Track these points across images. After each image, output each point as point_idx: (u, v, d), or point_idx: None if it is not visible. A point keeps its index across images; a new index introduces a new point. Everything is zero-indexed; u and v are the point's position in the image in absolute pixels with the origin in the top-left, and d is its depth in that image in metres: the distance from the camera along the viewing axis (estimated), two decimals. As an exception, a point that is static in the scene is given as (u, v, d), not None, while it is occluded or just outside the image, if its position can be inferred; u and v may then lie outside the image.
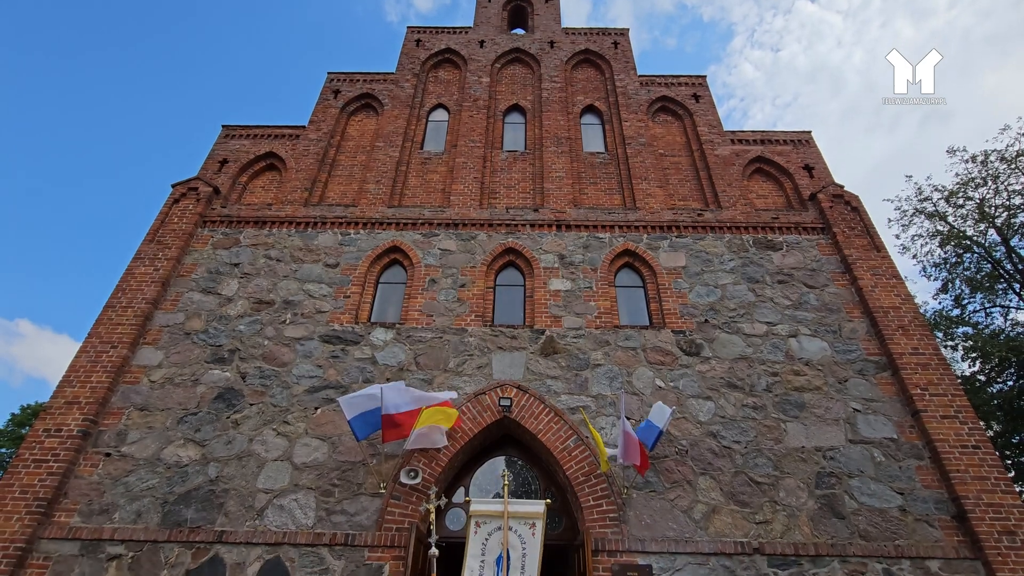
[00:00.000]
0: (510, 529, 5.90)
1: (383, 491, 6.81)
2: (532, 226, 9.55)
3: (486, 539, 5.90)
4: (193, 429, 7.34)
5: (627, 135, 11.17)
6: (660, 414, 6.45)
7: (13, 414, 22.27)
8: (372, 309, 8.83)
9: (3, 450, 21.21)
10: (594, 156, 11.07)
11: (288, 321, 8.38)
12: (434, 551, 3.94)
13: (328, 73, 12.57)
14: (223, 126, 11.40)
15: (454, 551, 7.22)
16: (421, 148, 11.35)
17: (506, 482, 6.44)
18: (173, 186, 9.98)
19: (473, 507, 6.25)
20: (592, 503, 6.72)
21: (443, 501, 6.15)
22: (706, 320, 8.33)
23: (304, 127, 11.39)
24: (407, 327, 8.31)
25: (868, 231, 9.17)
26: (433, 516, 4.63)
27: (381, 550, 6.41)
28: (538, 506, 6.18)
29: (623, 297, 8.90)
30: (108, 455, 7.12)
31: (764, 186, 10.57)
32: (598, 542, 6.40)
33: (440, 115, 12.06)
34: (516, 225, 9.56)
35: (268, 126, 11.38)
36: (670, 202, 10.10)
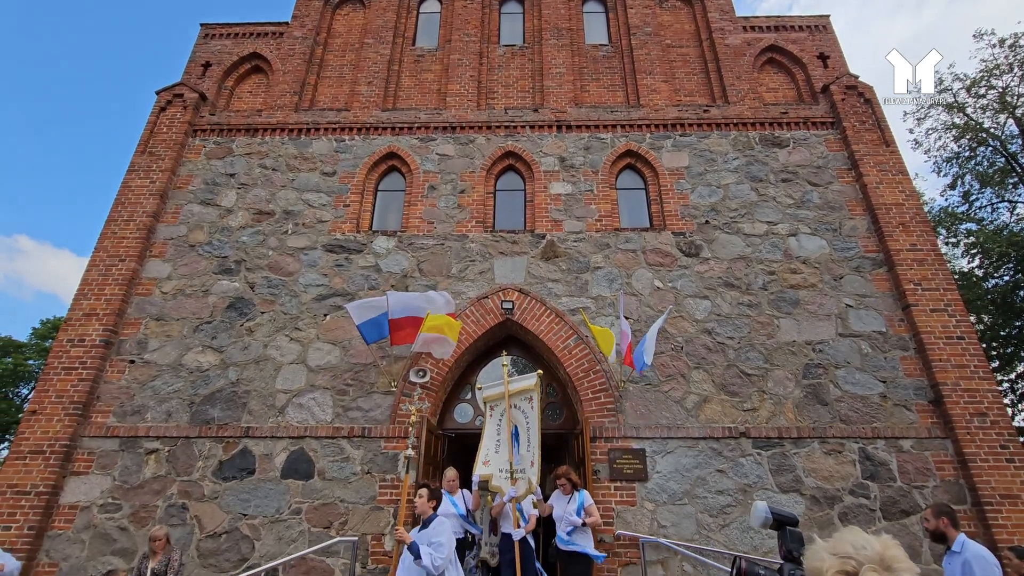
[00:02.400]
0: (514, 407, 6.20)
1: (394, 389, 7.25)
2: (532, 127, 9.25)
3: (499, 421, 6.26)
4: (209, 337, 7.67)
5: (632, 24, 10.44)
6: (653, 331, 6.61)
7: (34, 328, 23.08)
8: (373, 217, 8.83)
9: (31, 362, 22.24)
10: (596, 49, 10.43)
11: (290, 231, 8.43)
12: (410, 452, 4.32)
13: (307, -40, 11.51)
14: (202, 25, 10.69)
15: (464, 440, 7.83)
16: (413, 44, 10.70)
17: (504, 363, 6.62)
18: (157, 93, 9.58)
19: (485, 392, 6.61)
20: (591, 396, 7.17)
21: (426, 405, 6.54)
22: (706, 221, 8.32)
23: (287, 24, 10.67)
24: (408, 235, 8.36)
25: (879, 124, 8.86)
26: (414, 419, 4.96)
27: (396, 440, 6.96)
28: (530, 379, 6.36)
29: (624, 199, 8.83)
30: (132, 362, 7.51)
31: (775, 78, 10.06)
32: (596, 429, 6.91)
33: (432, 6, 11.22)
34: (515, 127, 9.26)
35: (249, 23, 10.67)
36: (675, 98, 9.67)
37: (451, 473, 5.98)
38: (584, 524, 5.27)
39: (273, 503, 6.66)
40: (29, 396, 22.16)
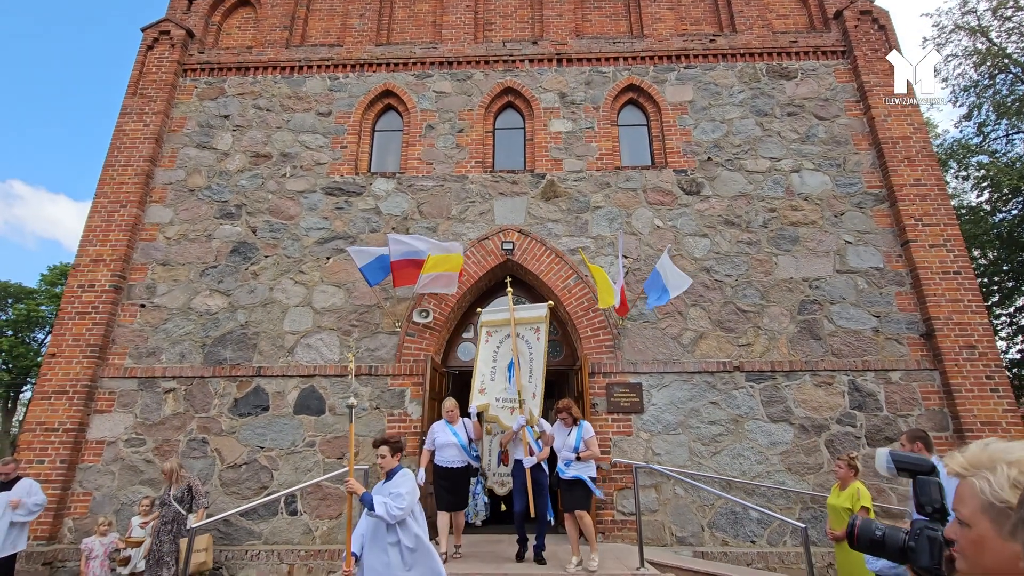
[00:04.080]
0: (518, 336, 6.11)
1: (398, 329, 7.45)
2: (531, 61, 8.94)
3: (496, 348, 6.24)
4: (216, 281, 7.81)
5: (637, -55, 9.82)
6: (677, 282, 6.58)
7: (42, 275, 23.37)
8: (371, 159, 8.74)
9: (43, 308, 22.66)
10: (599, -26, 9.87)
11: (288, 174, 8.38)
12: (351, 400, 4.14)
13: None
14: (182, -46, 10.12)
15: (466, 377, 8.09)
16: (405, -28, 10.13)
17: (509, 289, 6.52)
18: (143, 30, 9.24)
19: (483, 317, 6.59)
20: (590, 333, 7.36)
21: (357, 350, 7.14)
22: (709, 158, 8.20)
23: (272, -49, 10.08)
24: (407, 176, 8.31)
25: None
26: (352, 365, 4.84)
27: (402, 378, 7.25)
28: (541, 309, 6.28)
29: (625, 136, 8.67)
30: (143, 306, 7.71)
31: (785, 3, 9.56)
32: (594, 365, 7.15)
33: (424, -72, 10.54)
34: (514, 61, 8.95)
35: (232, -49, 10.09)
36: (681, 27, 9.26)
37: (450, 403, 6.01)
38: (579, 458, 5.35)
39: (288, 436, 7.03)
40: (45, 340, 22.78)
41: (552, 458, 5.78)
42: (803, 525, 3.95)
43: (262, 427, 7.10)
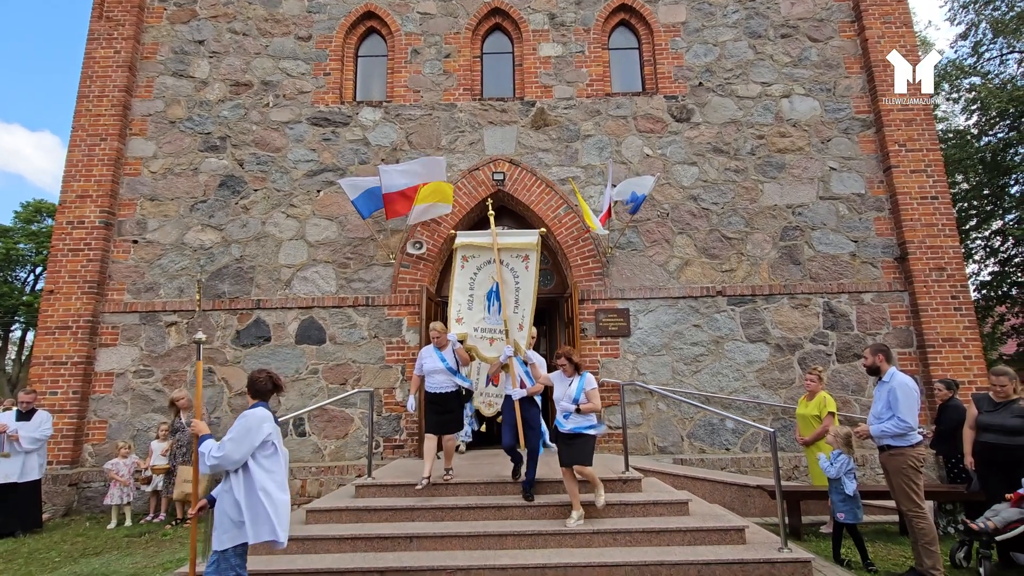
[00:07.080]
0: (502, 263, 5.61)
1: (393, 261, 7.61)
2: (518, -22, 8.52)
3: (474, 273, 5.69)
4: (207, 215, 7.81)
5: None
6: (642, 184, 6.88)
7: (16, 211, 22.74)
8: (356, 87, 8.50)
9: (21, 246, 22.18)
10: None
11: (271, 104, 8.16)
12: (200, 336, 3.88)
13: None
14: None
15: (461, 306, 8.33)
16: None
17: (491, 212, 6.01)
18: (100, -56, 8.57)
19: (458, 240, 5.91)
20: (580, 262, 7.59)
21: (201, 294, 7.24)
22: (700, 83, 8.11)
23: None
24: (395, 105, 8.13)
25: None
26: (199, 295, 4.48)
27: (398, 308, 7.49)
28: (531, 236, 5.72)
29: (616, 61, 8.48)
30: (136, 242, 7.73)
31: (786, -88, 9.06)
32: (584, 292, 7.44)
33: None
34: (500, -22, 8.52)
35: None
36: (675, -60, 8.79)
37: (438, 326, 5.56)
38: (579, 411, 4.73)
39: (292, 365, 7.34)
40: (27, 279, 22.57)
41: (545, 395, 5.38)
42: (771, 430, 4.38)
43: (265, 356, 7.39)
